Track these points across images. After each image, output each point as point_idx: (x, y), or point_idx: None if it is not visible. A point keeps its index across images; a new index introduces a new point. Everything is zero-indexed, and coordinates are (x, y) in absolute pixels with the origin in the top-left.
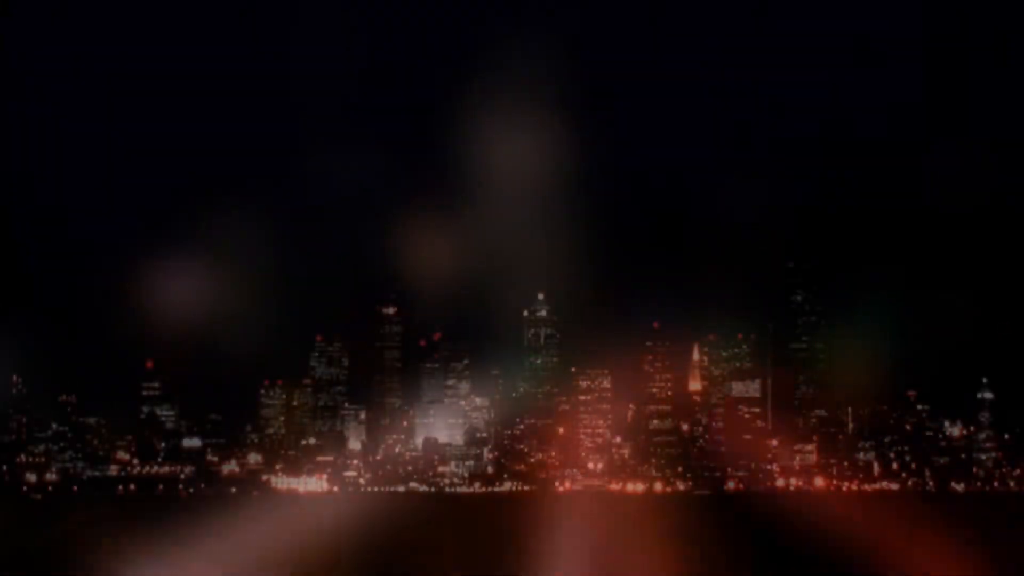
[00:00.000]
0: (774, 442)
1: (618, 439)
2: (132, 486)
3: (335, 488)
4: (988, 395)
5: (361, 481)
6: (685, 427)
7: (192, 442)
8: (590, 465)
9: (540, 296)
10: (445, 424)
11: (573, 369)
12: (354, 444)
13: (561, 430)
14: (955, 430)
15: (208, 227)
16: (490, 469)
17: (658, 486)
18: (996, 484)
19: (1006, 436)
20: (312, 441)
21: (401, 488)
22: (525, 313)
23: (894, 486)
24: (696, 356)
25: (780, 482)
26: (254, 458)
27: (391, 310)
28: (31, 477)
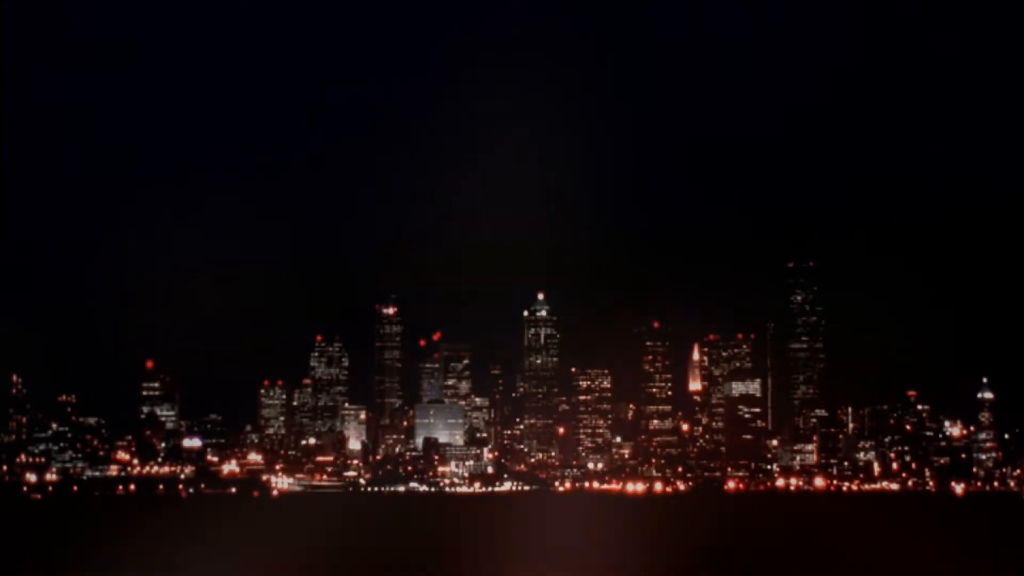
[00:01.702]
0: (774, 442)
1: (618, 439)
2: (132, 486)
3: (335, 488)
4: (988, 395)
5: (361, 481)
6: (685, 427)
7: (192, 442)
8: (590, 465)
9: (540, 296)
10: (445, 424)
11: (573, 369)
12: (354, 444)
13: (561, 430)
14: (955, 430)
15: (208, 227)
16: (490, 469)
17: (658, 486)
18: (996, 484)
19: (1006, 436)
20: (312, 441)
21: (401, 488)
22: (525, 313)
23: (894, 486)
24: (696, 356)
25: (780, 482)
26: (254, 458)
27: (391, 310)
28: (31, 477)
